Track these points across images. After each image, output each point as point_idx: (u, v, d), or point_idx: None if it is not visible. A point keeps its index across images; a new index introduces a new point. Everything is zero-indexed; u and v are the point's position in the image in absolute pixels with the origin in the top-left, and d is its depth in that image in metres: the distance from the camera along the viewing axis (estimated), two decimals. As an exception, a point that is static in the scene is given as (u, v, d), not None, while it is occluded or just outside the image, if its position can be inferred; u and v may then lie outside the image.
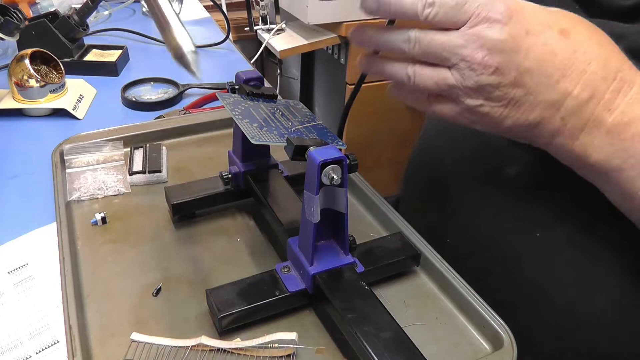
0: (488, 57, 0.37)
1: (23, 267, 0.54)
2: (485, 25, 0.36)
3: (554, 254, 0.50)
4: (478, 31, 0.37)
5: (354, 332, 0.41)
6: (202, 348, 0.43)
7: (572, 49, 0.37)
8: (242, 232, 0.57)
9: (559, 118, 0.38)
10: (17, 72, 0.82)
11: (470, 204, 0.57)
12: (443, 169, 0.61)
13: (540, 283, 0.51)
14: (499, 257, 0.55)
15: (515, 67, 0.37)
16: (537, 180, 0.50)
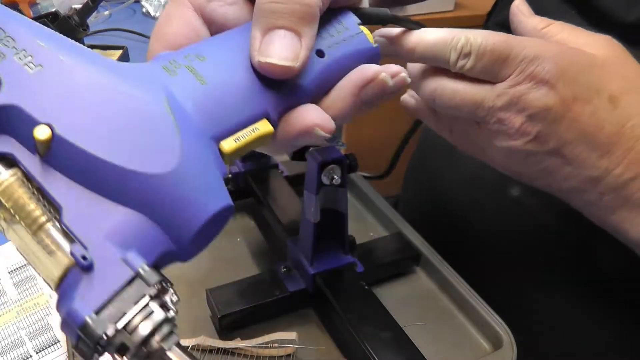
0: (528, 124, 0.32)
1: (23, 266, 0.54)
2: (529, 85, 0.31)
3: (562, 240, 0.50)
4: (521, 93, 0.31)
5: (354, 332, 0.41)
6: (202, 348, 0.43)
7: (620, 122, 0.32)
8: (242, 232, 0.57)
9: (597, 192, 0.33)
10: (17, 72, 0.82)
11: (470, 205, 0.57)
12: (442, 175, 0.61)
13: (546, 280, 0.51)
14: (500, 257, 0.55)
15: (556, 138, 0.32)
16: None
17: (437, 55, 0.32)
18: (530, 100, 0.31)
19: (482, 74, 0.32)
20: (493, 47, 0.31)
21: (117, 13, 1.29)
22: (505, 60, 0.31)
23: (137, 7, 1.36)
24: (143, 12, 1.33)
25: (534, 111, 0.32)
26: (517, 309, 0.50)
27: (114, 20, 1.27)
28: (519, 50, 0.31)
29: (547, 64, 0.31)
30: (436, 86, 0.33)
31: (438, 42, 0.32)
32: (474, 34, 0.31)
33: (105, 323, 0.19)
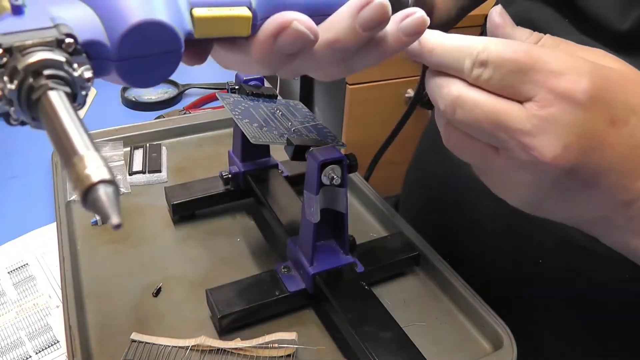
0: (563, 154, 0.27)
1: (23, 267, 0.54)
2: (562, 106, 0.26)
3: (557, 253, 0.50)
4: (553, 116, 0.27)
5: (354, 332, 0.41)
6: (202, 348, 0.43)
7: None
8: (242, 232, 0.57)
9: (626, 217, 0.30)
10: (17, 72, 0.82)
11: (472, 204, 0.57)
12: (442, 176, 0.61)
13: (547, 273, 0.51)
14: (500, 257, 0.55)
15: (592, 168, 0.28)
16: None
17: (453, 62, 0.29)
18: (566, 125, 0.27)
19: (502, 87, 0.28)
20: (513, 56, 0.27)
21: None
22: (527, 73, 0.27)
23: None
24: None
25: (571, 139, 0.27)
26: (517, 309, 0.50)
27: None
28: (544, 62, 0.27)
29: (583, 81, 0.27)
30: (459, 93, 0.29)
31: (455, 47, 0.29)
32: (494, 42, 0.28)
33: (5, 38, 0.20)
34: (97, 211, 0.17)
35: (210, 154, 0.70)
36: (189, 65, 0.30)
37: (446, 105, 0.29)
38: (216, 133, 0.75)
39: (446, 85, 0.30)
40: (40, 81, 0.20)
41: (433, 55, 0.30)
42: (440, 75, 0.30)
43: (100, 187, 0.17)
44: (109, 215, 0.17)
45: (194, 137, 0.74)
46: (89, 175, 0.17)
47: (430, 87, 0.31)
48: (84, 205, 0.18)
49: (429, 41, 0.30)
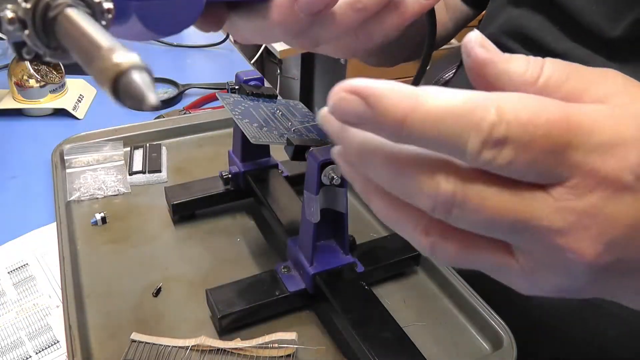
0: (606, 254, 0.20)
1: (23, 267, 0.54)
2: (606, 192, 0.19)
3: None
4: (595, 208, 0.19)
5: (354, 332, 0.41)
6: (202, 348, 0.43)
7: None
8: (242, 232, 0.57)
9: None
10: (17, 72, 0.82)
11: None
12: None
13: None
14: None
15: (636, 259, 0.21)
16: None
17: (445, 139, 0.19)
18: (610, 217, 0.20)
19: (525, 174, 0.19)
20: (548, 130, 0.18)
21: (117, 13, 1.29)
22: (565, 150, 0.19)
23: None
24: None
25: (617, 234, 0.20)
26: (517, 309, 0.50)
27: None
28: (587, 130, 0.19)
29: (633, 156, 0.19)
30: (454, 190, 0.19)
31: (449, 113, 0.18)
32: (511, 102, 0.18)
33: None
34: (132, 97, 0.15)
35: (210, 154, 0.70)
36: (205, 32, 0.28)
37: (435, 206, 0.20)
38: (216, 133, 0.75)
39: (429, 179, 0.20)
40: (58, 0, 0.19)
41: (405, 128, 0.19)
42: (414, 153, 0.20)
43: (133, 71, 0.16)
44: (145, 94, 0.15)
45: (194, 137, 0.74)
46: (117, 63, 0.16)
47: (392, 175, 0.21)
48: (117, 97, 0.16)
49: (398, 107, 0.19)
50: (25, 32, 0.18)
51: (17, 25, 0.18)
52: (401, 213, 0.22)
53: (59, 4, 0.18)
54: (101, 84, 0.16)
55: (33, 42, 0.19)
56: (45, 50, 0.19)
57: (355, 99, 0.19)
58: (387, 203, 0.22)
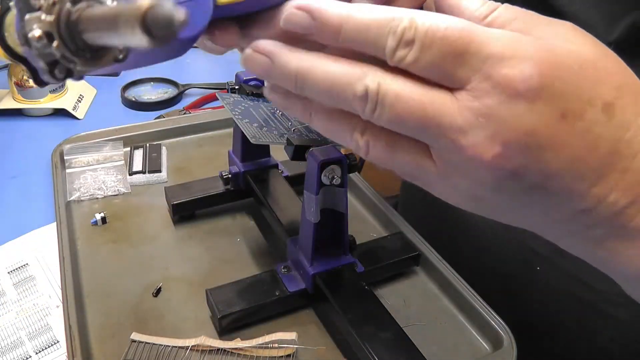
0: (502, 155, 0.23)
1: (23, 267, 0.54)
2: (501, 97, 0.22)
3: (553, 260, 0.50)
4: (489, 108, 0.22)
5: (354, 332, 0.41)
6: (202, 348, 0.43)
7: (616, 136, 0.24)
8: (242, 232, 0.57)
9: (583, 225, 0.26)
10: (17, 72, 0.82)
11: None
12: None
13: (547, 277, 0.51)
14: (500, 257, 0.55)
15: (539, 171, 0.24)
16: None
17: (370, 41, 0.23)
18: (505, 119, 0.22)
19: (429, 72, 0.23)
20: (445, 34, 0.22)
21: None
22: (461, 55, 0.22)
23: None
24: (143, 12, 1.33)
25: (512, 136, 0.23)
26: (517, 309, 0.50)
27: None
28: (482, 42, 0.22)
29: (526, 67, 0.22)
30: (378, 84, 0.23)
31: (373, 22, 0.23)
32: (421, 15, 0.23)
33: None
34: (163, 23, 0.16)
35: (210, 154, 0.70)
36: (225, 47, 0.27)
37: (361, 102, 0.24)
38: (216, 133, 0.75)
39: (358, 77, 0.24)
40: (79, 4, 0.19)
41: (341, 35, 0.24)
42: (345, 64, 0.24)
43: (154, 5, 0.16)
44: (173, 13, 0.16)
45: (194, 137, 0.74)
46: (139, 5, 0.16)
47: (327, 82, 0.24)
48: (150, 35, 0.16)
49: (332, 18, 0.24)
50: (54, 44, 0.19)
51: (45, 41, 0.19)
52: (340, 122, 0.26)
53: (80, 8, 0.19)
54: (134, 32, 0.16)
55: (62, 52, 0.19)
56: (74, 58, 0.20)
57: (302, 14, 0.24)
58: (326, 116, 0.26)
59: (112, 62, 0.20)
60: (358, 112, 0.24)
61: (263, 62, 0.25)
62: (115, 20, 0.17)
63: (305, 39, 0.25)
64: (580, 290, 0.48)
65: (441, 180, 0.26)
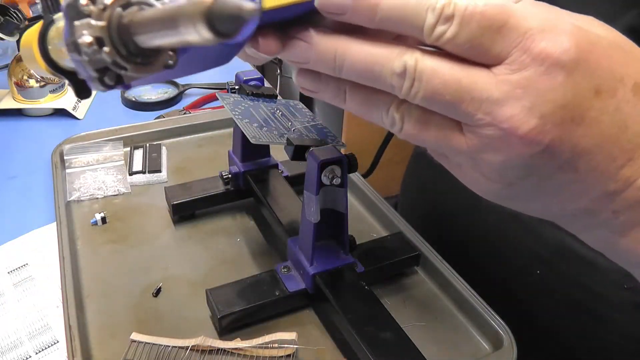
0: (539, 128, 0.23)
1: (23, 267, 0.54)
2: (540, 69, 0.22)
3: (553, 263, 0.50)
4: (528, 81, 0.23)
5: (354, 332, 0.41)
6: (202, 348, 0.43)
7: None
8: (242, 232, 0.57)
9: (610, 211, 0.26)
10: (17, 72, 0.82)
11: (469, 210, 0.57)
12: (439, 184, 0.61)
13: (546, 280, 0.51)
14: (501, 257, 0.55)
15: (571, 147, 0.24)
16: None
17: (407, 18, 0.23)
18: (543, 91, 0.22)
19: (467, 48, 0.23)
20: (484, 9, 0.22)
21: (117, 13, 1.29)
22: (500, 30, 0.23)
23: (136, 7, 1.35)
24: (143, 12, 1.33)
25: (549, 109, 0.23)
26: (517, 309, 0.50)
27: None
28: (520, 17, 0.23)
29: (565, 40, 0.22)
30: (416, 61, 0.24)
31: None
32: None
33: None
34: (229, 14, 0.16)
35: (210, 154, 0.70)
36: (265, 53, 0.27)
37: (399, 79, 0.24)
38: (216, 133, 0.75)
39: (397, 56, 0.24)
40: (129, 8, 0.19)
41: (378, 13, 0.24)
42: (383, 44, 0.25)
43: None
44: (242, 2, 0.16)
45: (194, 137, 0.74)
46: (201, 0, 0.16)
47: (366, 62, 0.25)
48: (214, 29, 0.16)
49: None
50: (104, 49, 0.19)
51: (96, 47, 0.19)
52: (374, 100, 0.26)
53: (130, 11, 0.19)
54: (196, 27, 0.16)
55: (113, 57, 0.19)
56: (126, 64, 0.20)
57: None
58: (361, 96, 0.27)
59: (162, 68, 0.21)
60: (395, 89, 0.24)
61: (301, 45, 0.26)
62: (175, 18, 0.17)
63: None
64: (580, 294, 0.48)
65: (471, 160, 0.26)
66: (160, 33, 0.18)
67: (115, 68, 0.20)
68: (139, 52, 0.20)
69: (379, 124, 0.27)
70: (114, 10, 0.19)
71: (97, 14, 0.19)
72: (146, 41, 0.19)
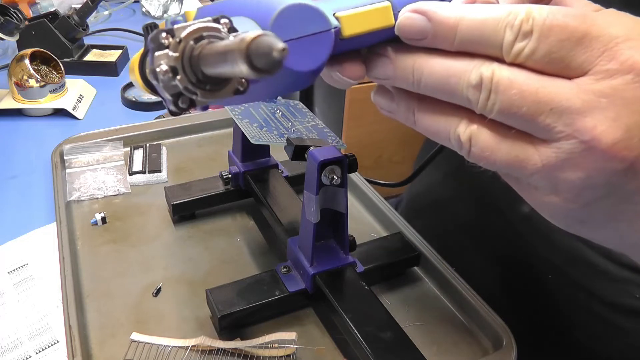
0: (624, 142, 0.21)
1: (23, 267, 0.54)
2: (626, 78, 0.21)
3: (565, 270, 0.49)
4: (614, 90, 0.21)
5: (354, 332, 0.41)
6: (202, 348, 0.43)
7: None
8: (242, 232, 0.57)
9: None
10: (17, 72, 0.82)
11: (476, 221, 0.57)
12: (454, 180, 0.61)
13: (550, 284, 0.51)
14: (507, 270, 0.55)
15: None
16: None
17: (485, 38, 0.23)
18: (630, 101, 0.21)
19: (549, 61, 0.22)
20: (564, 22, 0.22)
21: (117, 13, 1.29)
22: (581, 41, 0.21)
23: (136, 7, 1.36)
24: (143, 11, 1.33)
25: (636, 121, 0.21)
26: (517, 309, 0.50)
27: (114, 20, 1.27)
28: (603, 26, 0.22)
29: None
30: (492, 74, 0.23)
31: (489, 19, 0.23)
32: (538, 7, 0.22)
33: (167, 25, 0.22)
34: (263, 54, 0.18)
35: (210, 154, 0.70)
36: (353, 79, 0.28)
37: (475, 91, 0.23)
38: (216, 133, 0.75)
39: (474, 68, 0.23)
40: (200, 42, 0.22)
41: (457, 34, 0.24)
42: (459, 58, 0.24)
43: (257, 38, 0.18)
44: (273, 44, 0.18)
45: (194, 137, 0.74)
46: (243, 38, 0.18)
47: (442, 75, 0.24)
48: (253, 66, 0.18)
49: (449, 18, 0.24)
50: (177, 77, 0.22)
51: (170, 75, 0.21)
52: (445, 118, 0.26)
53: (201, 44, 0.21)
54: (240, 66, 0.18)
55: (184, 84, 0.22)
56: (196, 91, 0.22)
57: (418, 16, 0.24)
58: (432, 113, 0.26)
59: (232, 93, 0.22)
60: (471, 103, 0.24)
61: (382, 61, 0.26)
62: (225, 54, 0.19)
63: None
64: (589, 301, 0.48)
65: (545, 180, 0.24)
66: (219, 65, 0.20)
67: (188, 93, 0.22)
68: (208, 80, 0.22)
69: (447, 144, 0.26)
70: (187, 43, 0.21)
71: (173, 46, 0.22)
72: (210, 71, 0.21)
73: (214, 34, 0.22)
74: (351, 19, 0.26)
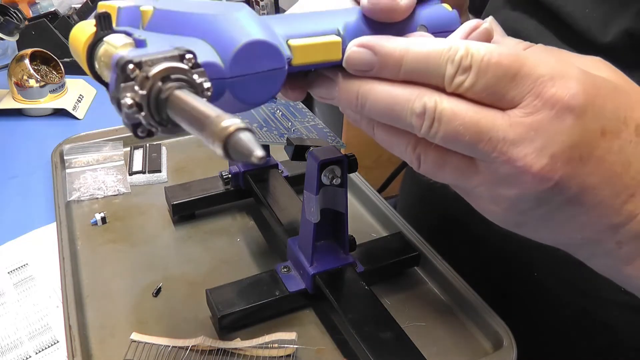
0: (549, 167, 0.25)
1: (23, 267, 0.54)
2: (551, 113, 0.24)
3: (552, 268, 0.50)
4: (540, 123, 0.25)
5: (354, 332, 0.41)
6: (202, 348, 0.43)
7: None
8: (242, 232, 0.57)
9: (614, 242, 0.28)
10: (17, 72, 0.82)
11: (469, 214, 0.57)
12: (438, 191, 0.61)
13: (545, 283, 0.51)
14: (501, 256, 0.55)
15: (578, 184, 0.26)
16: None
17: (429, 70, 0.26)
18: (553, 133, 0.24)
19: (485, 94, 0.25)
20: (499, 60, 0.25)
21: (117, 13, 1.29)
22: (514, 78, 0.25)
23: (136, 7, 1.35)
24: (143, 12, 1.33)
25: (559, 149, 0.25)
26: (517, 309, 0.50)
27: (114, 20, 1.26)
28: (532, 66, 0.25)
29: (573, 85, 0.25)
30: (435, 104, 0.25)
31: (431, 52, 0.26)
32: (476, 45, 0.25)
33: (135, 56, 0.22)
34: (240, 153, 0.18)
35: (211, 154, 0.70)
36: (292, 100, 0.30)
37: (419, 119, 0.26)
38: (216, 133, 0.75)
39: (417, 98, 0.26)
40: (168, 84, 0.22)
41: (402, 66, 0.26)
42: (402, 86, 0.26)
43: (239, 132, 0.18)
44: (253, 149, 0.18)
45: (194, 137, 0.74)
46: (226, 127, 0.18)
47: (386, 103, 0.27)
48: (227, 155, 0.19)
49: (394, 51, 0.26)
50: (142, 113, 0.22)
51: (135, 109, 0.22)
52: (397, 137, 0.28)
53: (169, 87, 0.22)
54: (213, 145, 0.19)
55: (148, 121, 0.22)
56: (157, 127, 0.23)
57: (365, 50, 0.27)
58: (386, 131, 0.28)
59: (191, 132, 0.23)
60: (415, 129, 0.26)
61: (328, 83, 0.29)
62: (202, 126, 0.20)
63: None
64: (576, 297, 0.48)
65: (486, 192, 0.28)
66: (187, 123, 0.21)
67: (148, 126, 0.23)
68: (170, 121, 0.22)
69: (402, 158, 0.29)
70: (155, 83, 0.22)
71: (140, 81, 0.22)
72: (177, 120, 0.22)
73: (181, 77, 0.22)
74: (302, 50, 0.27)
